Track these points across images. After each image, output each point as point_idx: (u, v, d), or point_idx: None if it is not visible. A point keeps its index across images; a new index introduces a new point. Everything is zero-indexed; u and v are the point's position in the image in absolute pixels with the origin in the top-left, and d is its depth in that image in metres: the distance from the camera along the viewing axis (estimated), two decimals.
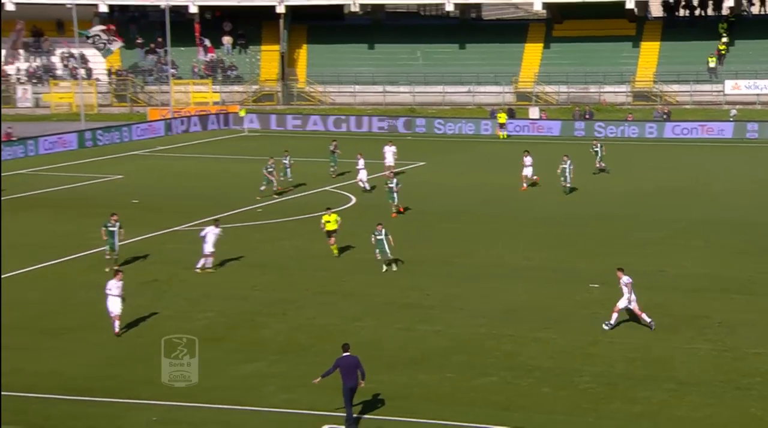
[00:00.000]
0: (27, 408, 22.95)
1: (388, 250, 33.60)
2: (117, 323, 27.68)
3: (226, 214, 43.55)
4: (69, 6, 71.98)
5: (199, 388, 24.07)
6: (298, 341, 27.40)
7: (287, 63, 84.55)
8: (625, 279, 27.91)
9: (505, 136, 68.60)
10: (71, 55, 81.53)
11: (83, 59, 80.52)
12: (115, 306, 27.82)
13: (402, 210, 42.75)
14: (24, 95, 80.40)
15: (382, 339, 27.64)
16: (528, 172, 49.19)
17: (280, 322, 29.08)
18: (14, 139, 61.05)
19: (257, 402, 23.34)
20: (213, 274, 33.93)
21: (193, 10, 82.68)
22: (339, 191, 49.28)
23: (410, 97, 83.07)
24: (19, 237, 38.95)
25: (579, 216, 43.26)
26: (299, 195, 48.46)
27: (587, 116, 72.45)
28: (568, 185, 47.34)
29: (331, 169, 52.40)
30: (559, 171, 47.35)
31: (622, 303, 27.94)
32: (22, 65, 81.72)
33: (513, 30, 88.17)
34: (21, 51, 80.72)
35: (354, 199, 47.14)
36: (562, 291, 31.89)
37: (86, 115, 71.09)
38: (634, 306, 27.97)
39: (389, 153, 52.66)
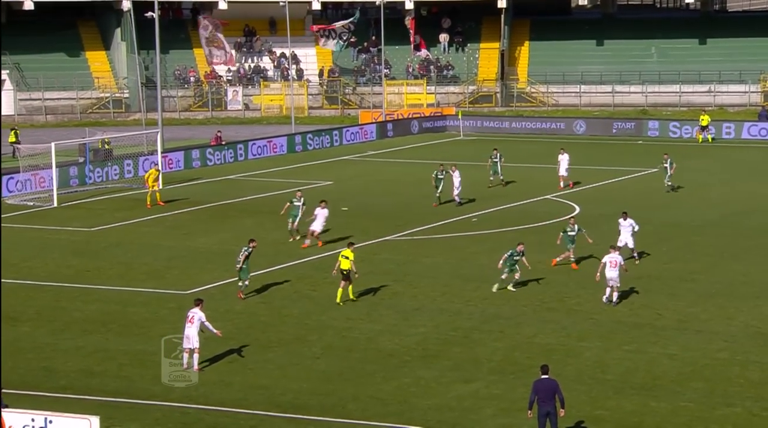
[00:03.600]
0: (236, 423, 23.89)
1: (518, 270, 33.31)
2: (196, 357, 26.31)
3: (439, 224, 44.11)
4: (282, 4, 74.43)
5: (414, 408, 24.50)
6: (517, 361, 27.45)
7: (507, 61, 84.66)
8: (611, 256, 31.72)
9: (710, 140, 66.52)
10: (283, 56, 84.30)
11: (294, 59, 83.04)
12: (191, 338, 26.39)
13: (576, 266, 36.20)
14: (234, 97, 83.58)
15: (609, 362, 27.36)
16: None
17: (497, 340, 29.21)
18: (223, 143, 63.60)
19: (473, 426, 23.51)
20: (426, 288, 34.36)
21: (409, 6, 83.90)
22: (561, 200, 49.02)
23: (642, 97, 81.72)
24: (227, 244, 40.58)
25: None
26: (519, 203, 48.47)
27: None
28: None
29: (491, 179, 51.70)
30: None
31: (608, 282, 31.82)
32: (233, 66, 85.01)
33: (762, 22, 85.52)
34: (230, 51, 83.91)
35: (578, 209, 46.77)
36: None
37: (296, 118, 73.31)
38: (612, 283, 31.68)
39: (563, 162, 51.45)
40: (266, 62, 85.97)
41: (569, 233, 36.42)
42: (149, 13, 63.91)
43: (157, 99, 64.86)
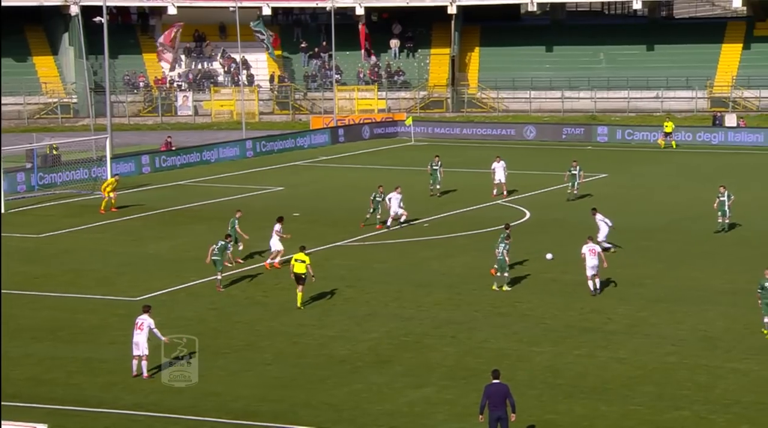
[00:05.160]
0: None
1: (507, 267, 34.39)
2: (144, 364, 26.34)
3: (391, 229, 44.09)
4: (232, 9, 74.19)
5: (366, 414, 24.51)
6: (469, 366, 27.53)
7: (458, 67, 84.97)
8: (590, 246, 33.40)
9: (674, 146, 67.15)
10: (233, 61, 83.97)
11: (245, 64, 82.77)
12: (140, 345, 26.36)
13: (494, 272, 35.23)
14: (184, 103, 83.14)
15: (560, 366, 27.53)
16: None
17: (449, 345, 29.28)
18: (174, 148, 63.25)
19: None
20: (378, 294, 34.37)
21: (360, 11, 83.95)
22: (512, 205, 49.26)
23: (591, 103, 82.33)
24: (178, 251, 40.39)
25: None
26: (470, 208, 48.65)
27: None
28: (727, 221, 42.17)
29: (431, 187, 50.91)
30: (716, 205, 42.40)
31: (589, 272, 33.39)
32: (183, 71, 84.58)
33: (708, 29, 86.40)
34: (180, 55, 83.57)
35: (528, 214, 47.03)
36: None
37: (247, 124, 73.07)
38: (591, 272, 33.33)
39: (499, 169, 50.87)
40: (216, 67, 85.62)
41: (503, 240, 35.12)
42: (97, 18, 63.44)
43: (106, 104, 64.34)
